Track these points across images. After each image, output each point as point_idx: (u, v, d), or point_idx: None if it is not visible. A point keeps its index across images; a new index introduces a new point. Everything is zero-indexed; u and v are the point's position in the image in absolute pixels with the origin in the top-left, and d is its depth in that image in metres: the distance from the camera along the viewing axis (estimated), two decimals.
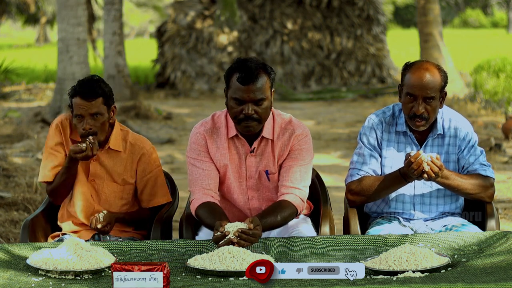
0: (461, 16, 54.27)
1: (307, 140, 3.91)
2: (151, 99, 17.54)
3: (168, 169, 8.98)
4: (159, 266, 3.00)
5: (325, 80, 19.70)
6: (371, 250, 3.52)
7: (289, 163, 3.88)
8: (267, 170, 3.91)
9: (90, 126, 3.94)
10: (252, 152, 3.89)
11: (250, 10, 19.87)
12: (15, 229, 6.52)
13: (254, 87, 3.72)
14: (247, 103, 3.73)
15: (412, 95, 3.88)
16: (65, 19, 12.73)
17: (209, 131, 3.93)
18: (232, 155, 3.92)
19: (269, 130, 3.89)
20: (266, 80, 3.76)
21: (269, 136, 3.88)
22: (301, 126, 3.93)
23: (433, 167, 3.75)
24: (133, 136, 4.18)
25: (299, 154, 3.88)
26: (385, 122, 4.06)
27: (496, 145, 10.19)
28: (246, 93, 3.72)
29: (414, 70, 3.91)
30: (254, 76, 3.72)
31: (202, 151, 3.91)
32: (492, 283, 2.97)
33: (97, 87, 3.97)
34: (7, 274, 3.24)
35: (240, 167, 3.92)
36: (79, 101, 3.93)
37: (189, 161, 3.94)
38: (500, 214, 6.73)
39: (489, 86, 15.49)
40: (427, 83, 3.86)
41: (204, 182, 3.88)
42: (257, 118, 3.76)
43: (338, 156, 10.56)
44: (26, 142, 11.15)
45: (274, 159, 3.90)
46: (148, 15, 46.30)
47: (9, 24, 48.07)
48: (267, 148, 3.90)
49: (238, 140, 3.90)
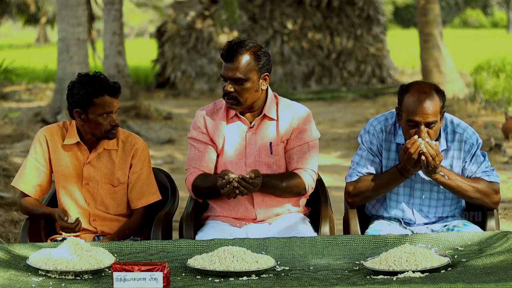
0: (461, 16, 54.26)
1: (310, 118, 4.03)
2: (151, 99, 17.54)
3: (168, 169, 8.98)
4: (159, 266, 3.00)
5: (325, 80, 19.70)
6: (371, 250, 3.52)
7: (297, 144, 3.98)
8: (271, 142, 3.98)
9: (117, 121, 4.01)
10: (251, 127, 3.97)
11: (250, 10, 19.87)
12: (15, 229, 6.52)
13: (233, 66, 3.84)
14: (227, 80, 3.86)
15: (413, 121, 3.80)
16: (65, 19, 12.74)
17: (209, 112, 4.04)
18: (232, 133, 4.00)
19: (271, 109, 3.98)
20: (250, 62, 3.85)
21: (272, 116, 3.98)
22: (303, 107, 4.05)
23: (429, 149, 3.74)
24: (124, 133, 4.16)
25: (305, 134, 3.98)
26: (386, 131, 4.01)
27: (496, 145, 10.19)
28: (225, 70, 3.87)
29: (412, 95, 3.80)
30: (234, 54, 3.83)
31: (200, 133, 4.02)
32: (492, 283, 2.97)
33: (117, 83, 4.02)
34: (7, 274, 3.24)
35: (240, 144, 3.99)
36: (108, 98, 3.96)
37: (189, 141, 4.08)
38: (500, 214, 6.73)
39: (489, 86, 15.48)
40: (428, 109, 3.77)
41: (200, 163, 4.00)
42: (235, 97, 3.87)
43: (338, 156, 10.56)
44: (26, 142, 11.16)
45: (278, 136, 3.98)
46: (148, 15, 46.31)
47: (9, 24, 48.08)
48: (270, 127, 3.99)
49: (237, 120, 3.99)
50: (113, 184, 4.09)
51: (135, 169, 4.11)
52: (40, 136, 4.11)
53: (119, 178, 4.09)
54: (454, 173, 3.90)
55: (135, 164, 4.11)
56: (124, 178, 4.10)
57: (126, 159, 4.10)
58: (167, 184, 4.38)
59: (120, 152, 4.09)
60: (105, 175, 4.07)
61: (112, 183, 4.08)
